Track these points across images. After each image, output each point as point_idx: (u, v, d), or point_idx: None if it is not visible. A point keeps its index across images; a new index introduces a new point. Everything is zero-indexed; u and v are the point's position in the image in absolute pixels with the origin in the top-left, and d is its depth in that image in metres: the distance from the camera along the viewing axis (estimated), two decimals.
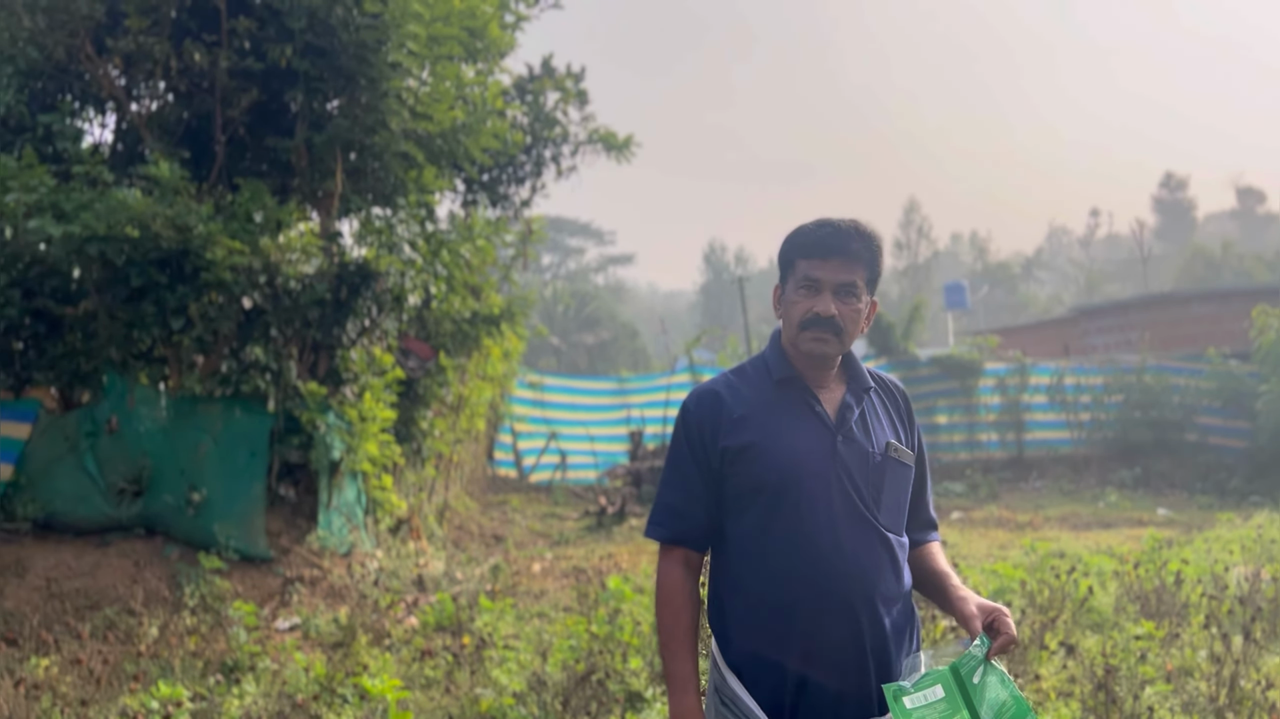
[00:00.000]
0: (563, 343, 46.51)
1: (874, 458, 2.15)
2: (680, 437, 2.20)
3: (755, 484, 2.10)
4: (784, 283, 2.21)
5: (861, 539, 2.09)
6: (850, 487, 2.11)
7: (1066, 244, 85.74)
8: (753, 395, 2.17)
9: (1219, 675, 5.05)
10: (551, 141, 11.30)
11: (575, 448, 16.82)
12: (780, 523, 2.08)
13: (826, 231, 2.13)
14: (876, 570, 2.10)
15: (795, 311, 2.15)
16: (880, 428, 2.21)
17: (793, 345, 2.18)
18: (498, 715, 5.14)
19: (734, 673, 2.11)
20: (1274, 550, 8.67)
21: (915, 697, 1.95)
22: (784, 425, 2.13)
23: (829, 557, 2.07)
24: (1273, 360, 15.11)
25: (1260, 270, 44.80)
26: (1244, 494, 14.39)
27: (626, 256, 78.99)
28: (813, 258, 2.13)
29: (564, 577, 9.41)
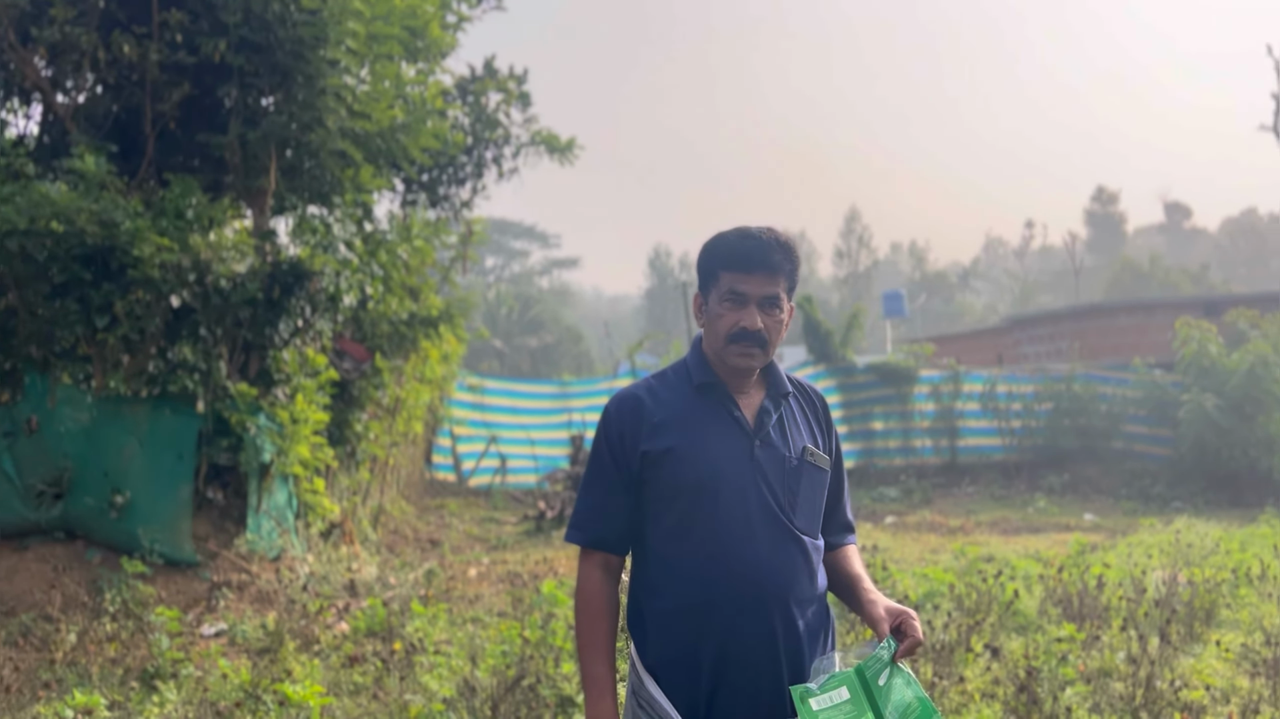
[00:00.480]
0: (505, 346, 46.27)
1: (790, 462, 2.18)
2: (601, 441, 2.21)
3: (674, 488, 2.12)
4: (705, 292, 2.22)
5: (777, 542, 2.12)
6: (767, 491, 2.13)
7: (1002, 255, 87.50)
8: (673, 400, 2.19)
9: (1135, 676, 5.18)
10: (493, 143, 11.24)
11: (515, 451, 16.73)
12: (697, 526, 2.10)
13: (750, 245, 2.16)
14: (791, 573, 2.12)
15: (722, 325, 2.17)
16: (798, 433, 2.24)
17: (718, 356, 2.20)
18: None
19: (651, 675, 2.12)
20: (1190, 555, 8.92)
21: (821, 698, 1.97)
22: (703, 430, 2.15)
23: (745, 559, 2.09)
24: (1195, 371, 15.56)
25: (1185, 283, 46.16)
26: (1166, 500, 14.80)
27: (571, 260, 78.85)
28: (736, 271, 2.16)
29: (500, 582, 9.35)
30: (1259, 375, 14.77)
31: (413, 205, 11.52)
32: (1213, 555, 8.96)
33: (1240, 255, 74.97)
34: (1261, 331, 15.51)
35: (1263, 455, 14.75)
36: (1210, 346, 15.49)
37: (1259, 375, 14.77)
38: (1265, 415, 14.81)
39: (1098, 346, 19.35)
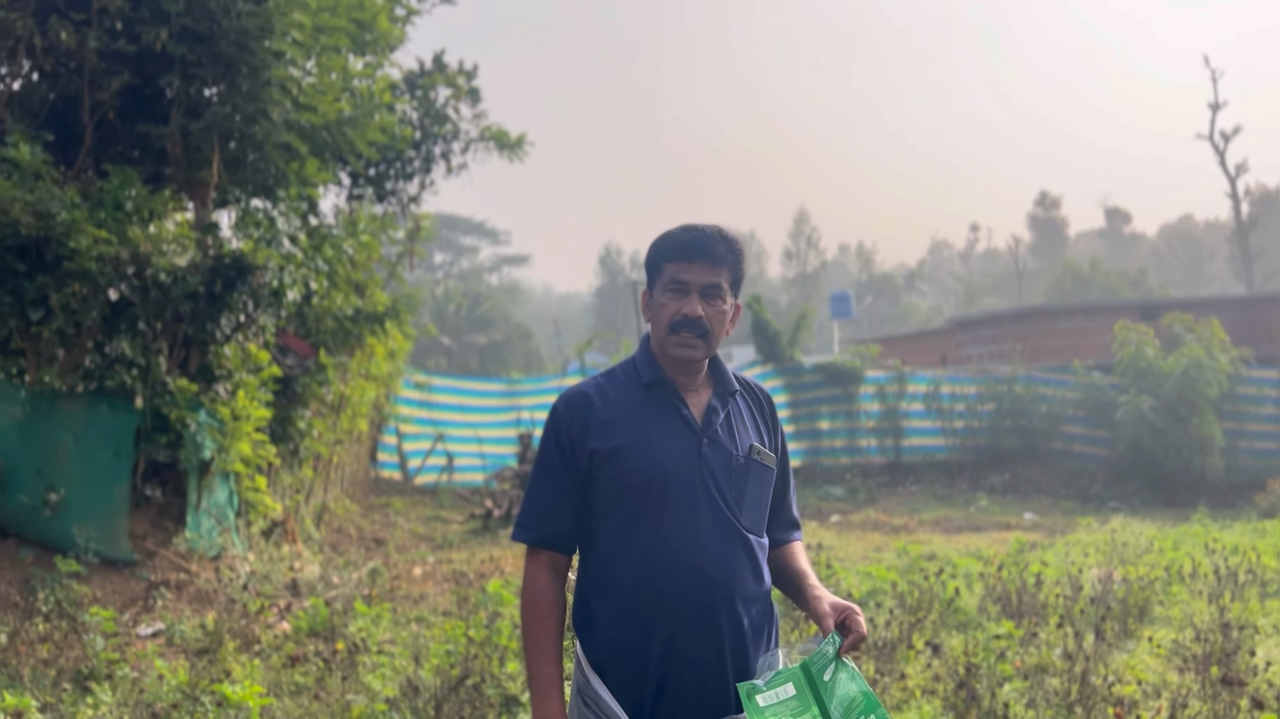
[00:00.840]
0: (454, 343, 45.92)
1: (737, 460, 2.19)
2: (549, 440, 2.21)
3: (622, 486, 2.12)
4: (652, 287, 2.24)
5: (723, 540, 2.13)
6: (714, 488, 2.15)
7: (948, 257, 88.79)
8: (621, 398, 2.20)
9: (1071, 672, 5.28)
10: (442, 138, 11.15)
11: (463, 450, 16.61)
12: (645, 524, 2.11)
13: (692, 235, 2.18)
14: (737, 571, 2.14)
15: (664, 314, 2.18)
16: (744, 431, 2.26)
17: (661, 349, 2.21)
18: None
19: (597, 673, 2.12)
20: (1126, 553, 9.13)
21: (768, 694, 1.98)
22: (651, 428, 2.16)
23: (691, 557, 2.10)
24: (1132, 373, 15.92)
25: (1124, 287, 47.23)
26: (1104, 500, 15.12)
27: (521, 257, 78.56)
28: (679, 261, 2.17)
29: (445, 581, 9.28)
30: (1193, 378, 15.15)
31: (359, 200, 11.38)
32: (1147, 554, 9.18)
33: (1177, 261, 76.88)
34: (1196, 335, 15.91)
35: (1196, 456, 15.14)
36: (1147, 349, 15.86)
37: (1193, 378, 15.15)
38: (1199, 417, 15.19)
39: (1039, 349, 19.71)
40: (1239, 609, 6.84)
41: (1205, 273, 75.33)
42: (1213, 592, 7.18)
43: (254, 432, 8.37)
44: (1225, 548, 9.04)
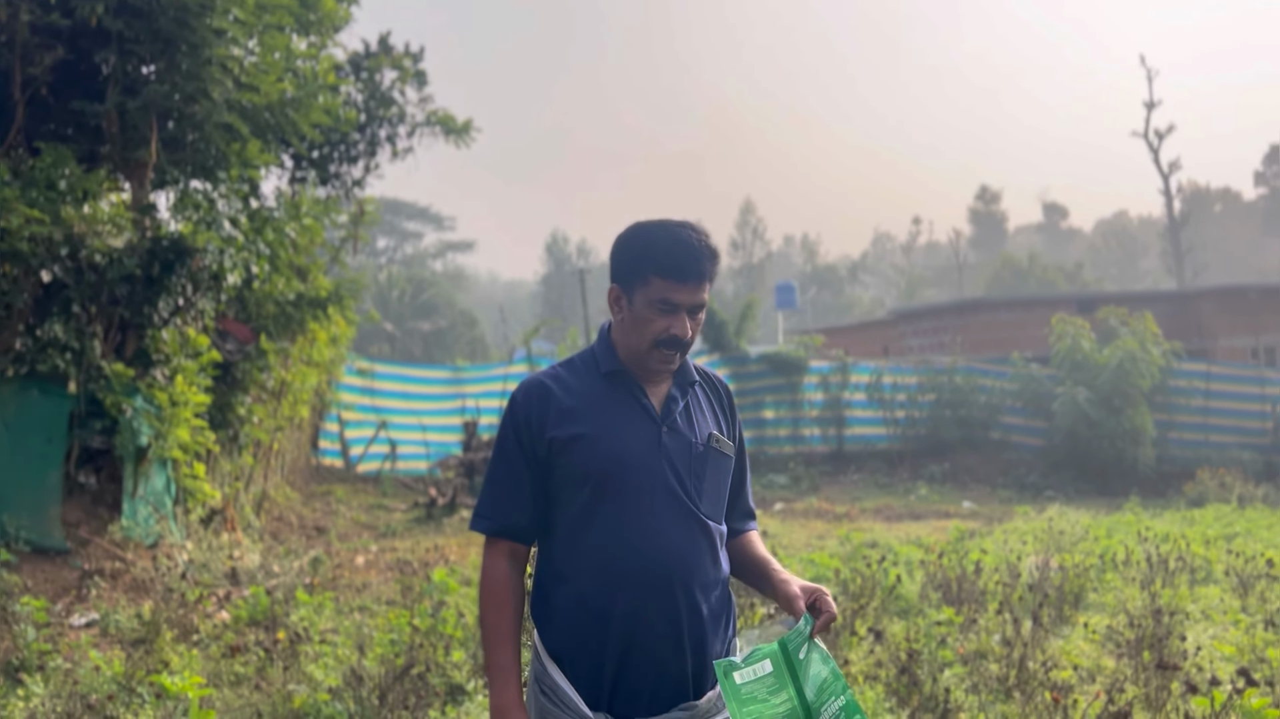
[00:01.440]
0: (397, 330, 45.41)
1: (697, 448, 2.20)
2: (508, 429, 2.19)
3: (582, 474, 2.12)
4: (629, 289, 2.18)
5: (683, 528, 2.14)
6: (673, 477, 2.15)
7: (890, 250, 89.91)
8: (581, 387, 2.19)
9: (1009, 657, 5.39)
10: (387, 121, 10.99)
11: (406, 438, 16.46)
12: (605, 512, 2.11)
13: (685, 254, 2.14)
14: (696, 558, 2.15)
15: (650, 330, 2.16)
16: (703, 420, 2.27)
17: (636, 356, 2.19)
18: (311, 712, 4.97)
19: (555, 662, 2.11)
20: (1062, 541, 9.33)
21: (745, 671, 2.00)
22: (611, 417, 2.16)
23: (651, 545, 2.11)
24: (1068, 365, 16.28)
25: (1061, 281, 48.24)
26: (1040, 489, 15.45)
27: (467, 243, 77.84)
28: (671, 279, 2.13)
29: (388, 569, 9.20)
30: (1127, 370, 15.53)
31: (302, 183, 11.18)
32: (1082, 542, 9.39)
33: (1112, 256, 78.68)
34: (1130, 329, 16.31)
35: (1129, 446, 15.53)
36: (1083, 342, 16.22)
37: (1127, 370, 15.53)
38: (1132, 408, 15.59)
39: (979, 340, 20.06)
40: (1170, 595, 7.03)
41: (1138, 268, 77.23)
42: (1145, 579, 7.38)
43: (193, 418, 8.20)
44: (1157, 536, 9.29)
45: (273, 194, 10.64)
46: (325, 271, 11.00)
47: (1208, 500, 13.42)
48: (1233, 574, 7.51)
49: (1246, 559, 7.75)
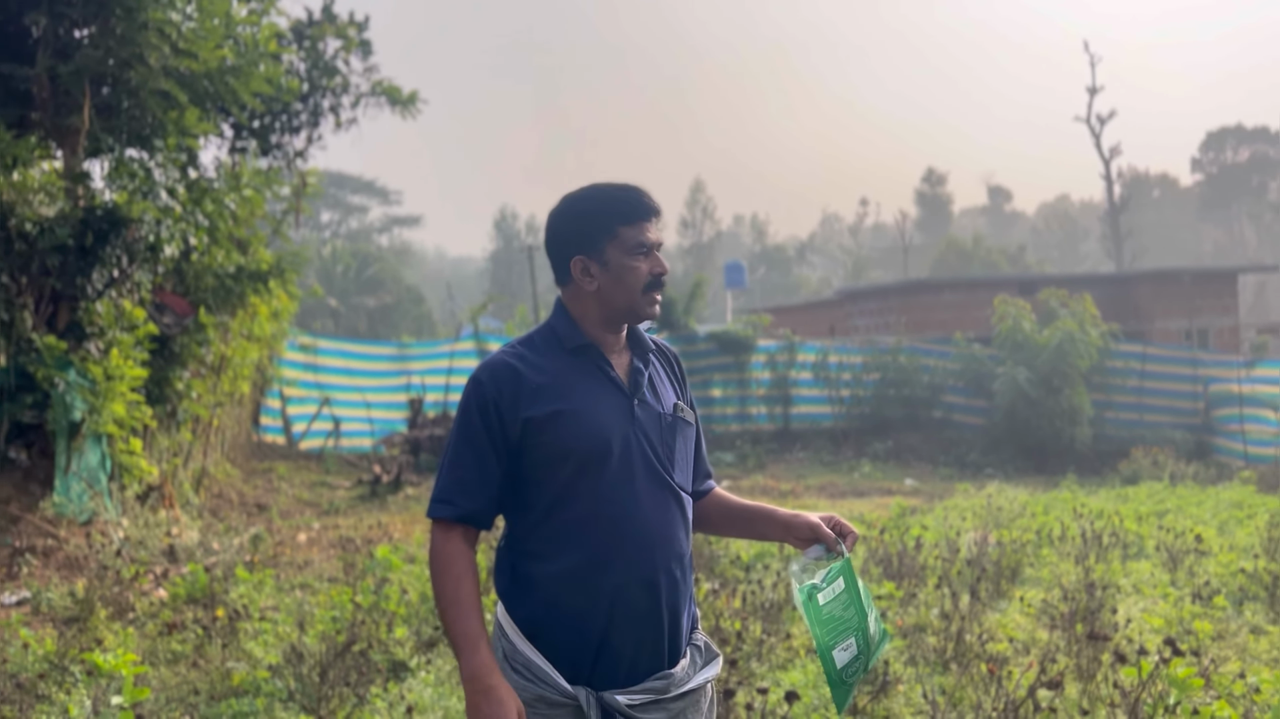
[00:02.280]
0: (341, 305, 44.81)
1: (666, 419, 2.22)
2: (472, 411, 2.13)
3: (562, 451, 2.10)
4: (600, 253, 2.17)
5: (660, 499, 2.16)
6: (649, 448, 2.16)
7: (838, 231, 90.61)
8: (548, 365, 2.17)
9: (947, 631, 5.49)
10: (331, 91, 10.77)
11: (350, 414, 16.25)
12: (587, 488, 2.10)
13: (639, 194, 2.19)
14: (673, 528, 2.17)
15: (635, 278, 2.17)
16: (665, 389, 2.28)
17: (634, 310, 2.20)
18: (250, 689, 4.92)
19: (528, 638, 2.10)
20: (1000, 517, 9.51)
21: (826, 591, 2.12)
22: (585, 392, 2.15)
23: (634, 518, 2.11)
24: (1010, 346, 16.55)
25: (1004, 263, 49.01)
26: (980, 466, 15.73)
27: (413, 218, 76.89)
28: (636, 222, 2.17)
29: (331, 547, 9.10)
30: (1066, 351, 15.84)
31: (242, 153, 10.93)
32: (1019, 518, 9.58)
33: (1053, 238, 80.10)
34: (1070, 310, 16.62)
35: (1066, 426, 15.86)
36: (1024, 323, 16.50)
37: (1066, 351, 15.84)
38: (1070, 388, 15.91)
39: (923, 321, 20.31)
40: (1103, 570, 7.20)
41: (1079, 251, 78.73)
42: (1079, 554, 7.55)
43: (129, 392, 8.02)
44: (1092, 513, 9.50)
45: (212, 164, 10.38)
46: (266, 245, 10.78)
47: (1141, 478, 13.76)
48: (1163, 549, 7.71)
49: (1176, 535, 7.97)
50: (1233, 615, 6.24)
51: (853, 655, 2.07)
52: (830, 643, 2.05)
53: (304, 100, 10.77)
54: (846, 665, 2.06)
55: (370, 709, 4.56)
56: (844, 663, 2.06)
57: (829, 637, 2.06)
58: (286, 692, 4.73)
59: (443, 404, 16.34)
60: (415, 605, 6.09)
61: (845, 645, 2.07)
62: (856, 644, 2.08)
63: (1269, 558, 7.20)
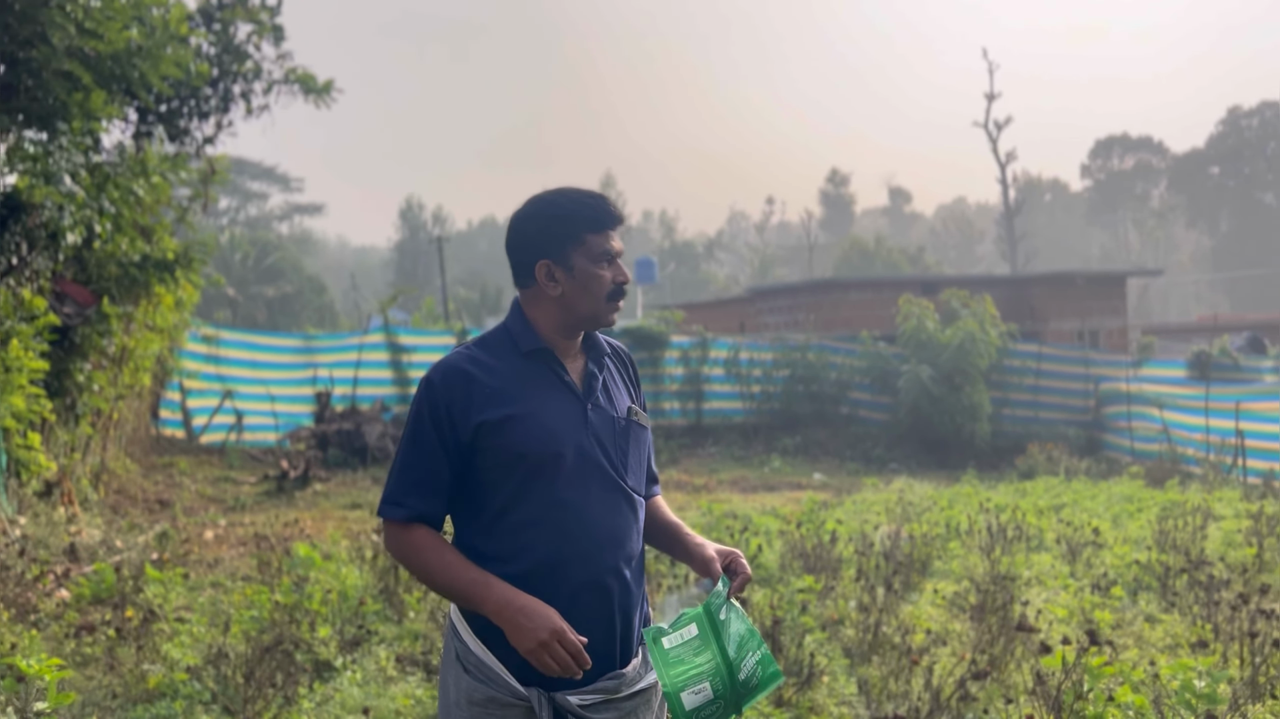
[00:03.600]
0: (239, 294, 43.56)
1: (620, 423, 2.23)
2: (423, 414, 2.13)
3: (515, 455, 2.10)
4: (566, 258, 2.18)
5: (613, 503, 2.17)
6: (601, 452, 2.17)
7: (745, 228, 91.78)
8: (501, 368, 2.17)
9: (866, 623, 5.65)
10: (242, 77, 10.45)
11: (254, 408, 15.82)
12: (539, 491, 2.11)
13: (605, 203, 2.21)
14: (626, 531, 2.19)
15: (599, 286, 2.19)
16: (619, 393, 2.30)
17: (596, 318, 2.22)
18: (168, 692, 4.79)
19: (481, 639, 2.10)
20: (911, 512, 9.81)
21: (673, 636, 2.10)
22: (539, 396, 2.15)
23: (587, 521, 2.13)
24: (913, 344, 17.03)
25: (904, 262, 50.33)
26: (885, 461, 16.16)
27: (315, 206, 75.14)
28: (603, 230, 2.19)
29: (241, 544, 8.89)
30: (967, 350, 16.37)
31: (147, 137, 10.54)
32: (927, 512, 9.89)
33: (951, 240, 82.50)
34: (971, 311, 17.18)
35: (967, 422, 16.40)
36: (928, 322, 17.00)
37: (967, 350, 16.37)
38: (971, 386, 16.45)
39: (831, 319, 20.73)
40: (1008, 562, 7.49)
41: (975, 252, 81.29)
42: (986, 547, 7.83)
43: (28, 385, 7.68)
44: (995, 507, 9.86)
45: (115, 149, 9.97)
46: (172, 233, 10.43)
47: (1037, 473, 14.32)
48: (1063, 542, 8.05)
49: (1075, 528, 8.33)
50: (1128, 605, 6.56)
51: (707, 699, 2.03)
52: (678, 685, 2.03)
53: (213, 85, 10.43)
54: (699, 708, 2.02)
55: (297, 710, 4.49)
56: (695, 704, 2.02)
57: (676, 679, 2.03)
58: (209, 694, 4.62)
59: (351, 398, 16.05)
60: (336, 604, 6.00)
61: (697, 689, 2.03)
62: (712, 688, 2.03)
63: (1160, 550, 7.59)
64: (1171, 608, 6.42)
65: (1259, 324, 26.88)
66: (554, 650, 1.99)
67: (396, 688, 4.87)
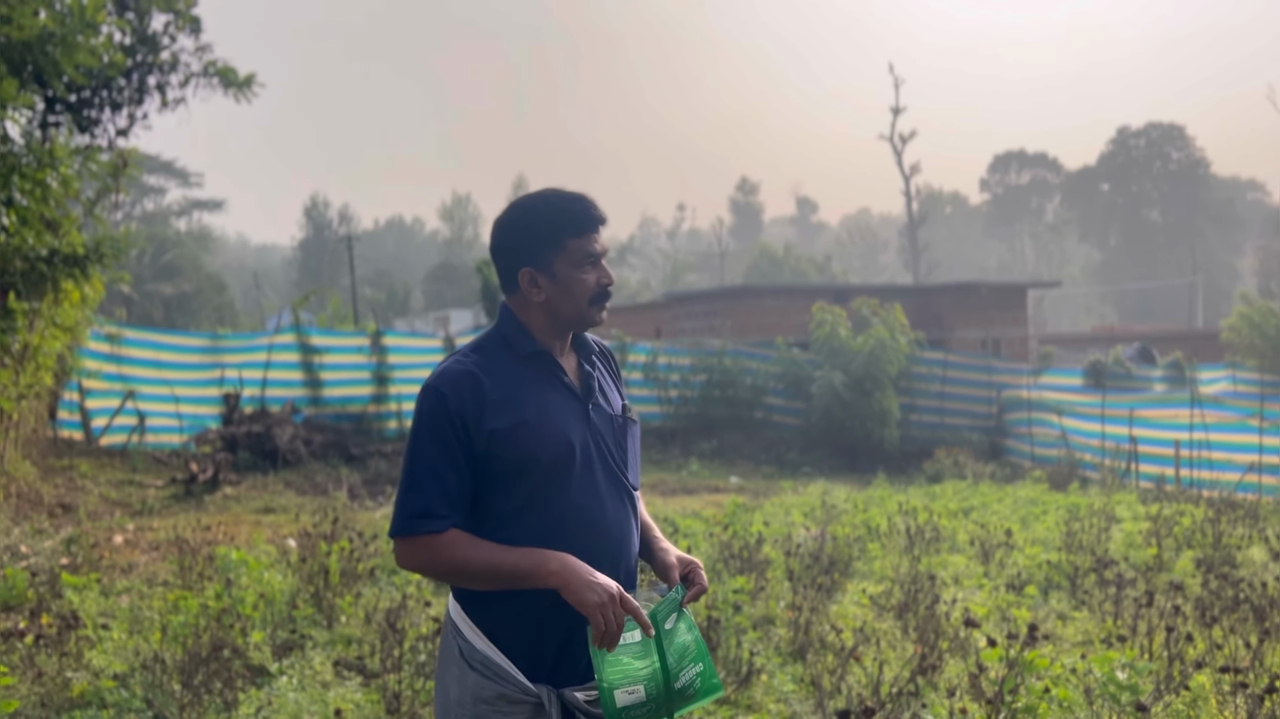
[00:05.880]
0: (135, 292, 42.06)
1: (617, 420, 2.26)
2: (441, 424, 2.09)
3: (527, 461, 2.09)
4: (548, 265, 2.19)
5: (618, 501, 2.20)
6: (606, 452, 2.19)
7: (655, 234, 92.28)
8: (505, 373, 2.16)
9: (796, 623, 5.79)
10: (158, 68, 10.13)
11: (157, 409, 15.31)
12: (552, 494, 2.11)
13: (587, 205, 2.21)
14: (630, 529, 2.22)
15: (583, 289, 2.19)
16: (610, 390, 2.32)
17: (580, 319, 2.21)
18: (94, 700, 4.64)
19: (488, 637, 2.10)
20: (831, 514, 10.04)
21: None
22: (544, 400, 2.15)
23: (598, 522, 2.14)
24: (826, 350, 17.42)
25: (812, 271, 51.29)
26: (798, 465, 16.48)
27: (215, 202, 72.86)
28: (586, 233, 2.20)
29: (154, 549, 8.63)
30: (878, 357, 16.81)
31: (55, 128, 10.14)
32: (845, 515, 10.14)
33: (856, 249, 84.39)
34: (881, 319, 17.64)
35: (877, 427, 16.84)
36: (840, 330, 17.40)
37: (878, 357, 16.81)
38: (881, 392, 16.89)
39: (746, 325, 21.04)
40: (926, 563, 7.74)
41: (879, 262, 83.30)
42: (905, 548, 8.08)
43: None
44: (909, 509, 10.16)
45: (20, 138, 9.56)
46: (79, 226, 10.06)
47: (944, 477, 14.77)
48: (976, 543, 8.35)
49: (988, 530, 8.65)
50: (1041, 603, 6.86)
51: (639, 700, 2.06)
52: (613, 684, 2.05)
53: (127, 76, 10.08)
54: (629, 707, 2.05)
55: (236, 716, 4.41)
56: (625, 703, 2.05)
57: (612, 677, 2.05)
58: (140, 701, 4.50)
59: (260, 399, 15.65)
60: (265, 610, 5.88)
61: (630, 690, 2.06)
62: (645, 692, 2.06)
63: (1068, 551, 7.94)
64: (1082, 606, 6.73)
65: (1148, 335, 28.21)
66: (614, 611, 2.00)
67: (334, 693, 4.82)
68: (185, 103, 10.52)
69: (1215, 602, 6.14)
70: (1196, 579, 7.32)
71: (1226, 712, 4.34)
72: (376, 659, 5.08)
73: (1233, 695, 4.28)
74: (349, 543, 6.76)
